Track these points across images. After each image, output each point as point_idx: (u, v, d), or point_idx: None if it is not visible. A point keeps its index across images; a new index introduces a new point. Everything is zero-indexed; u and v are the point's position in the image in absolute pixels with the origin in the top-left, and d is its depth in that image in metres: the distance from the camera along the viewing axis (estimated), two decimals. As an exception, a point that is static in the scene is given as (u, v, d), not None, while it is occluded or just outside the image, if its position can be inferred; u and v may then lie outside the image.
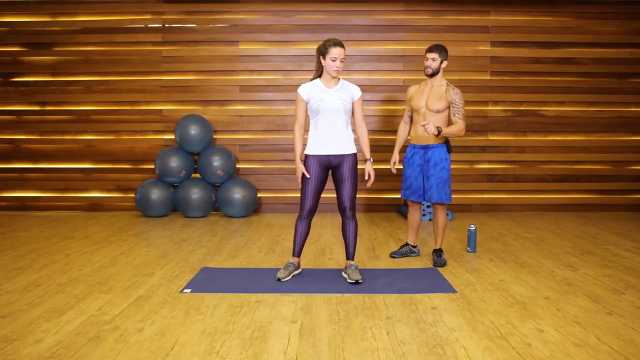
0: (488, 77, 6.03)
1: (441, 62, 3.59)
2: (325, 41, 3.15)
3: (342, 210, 3.25)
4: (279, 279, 3.21)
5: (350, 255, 3.29)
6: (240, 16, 5.97)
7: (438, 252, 3.71)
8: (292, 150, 5.78)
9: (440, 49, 3.61)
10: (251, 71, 6.02)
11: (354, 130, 3.30)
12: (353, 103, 3.24)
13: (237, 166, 5.98)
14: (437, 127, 3.41)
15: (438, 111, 3.57)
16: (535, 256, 3.89)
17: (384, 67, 6.00)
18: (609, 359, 2.13)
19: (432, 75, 3.61)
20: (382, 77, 6.03)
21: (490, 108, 6.05)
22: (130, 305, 2.75)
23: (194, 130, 5.59)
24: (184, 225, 5.14)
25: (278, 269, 3.36)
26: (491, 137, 6.08)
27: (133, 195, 5.85)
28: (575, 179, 6.13)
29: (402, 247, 3.93)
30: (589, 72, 6.03)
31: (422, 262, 3.74)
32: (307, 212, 3.24)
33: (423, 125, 3.36)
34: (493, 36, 5.99)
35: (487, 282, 3.20)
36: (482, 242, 4.33)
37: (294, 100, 3.30)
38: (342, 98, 3.17)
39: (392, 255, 3.85)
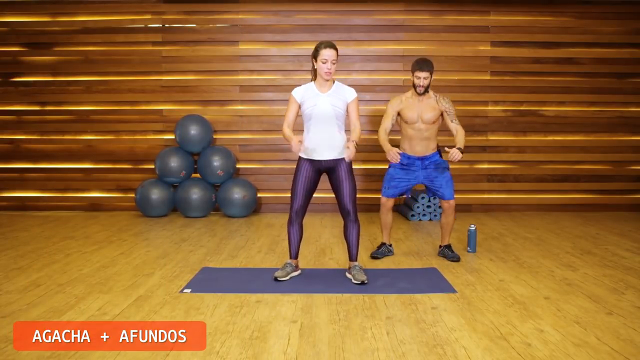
0: (488, 77, 6.03)
1: (431, 78, 3.65)
2: (317, 44, 3.12)
3: (344, 213, 3.23)
4: (276, 278, 3.21)
5: (353, 257, 3.28)
6: (240, 16, 5.97)
7: (449, 248, 3.81)
8: (292, 150, 5.76)
9: (429, 66, 3.64)
10: (251, 71, 6.02)
11: (347, 131, 3.24)
12: (347, 105, 3.18)
13: (237, 166, 5.98)
14: (458, 148, 3.52)
15: (433, 122, 3.67)
16: (535, 256, 3.89)
17: (384, 67, 6.00)
18: (609, 359, 2.13)
19: (425, 92, 3.68)
20: (382, 77, 6.02)
21: (490, 108, 6.05)
22: (130, 305, 2.75)
23: (194, 130, 5.59)
24: (184, 225, 5.14)
25: (278, 269, 3.36)
26: (491, 137, 6.08)
27: (133, 195, 5.85)
28: (575, 179, 6.13)
29: (380, 247, 3.92)
30: (589, 72, 6.03)
31: (422, 262, 3.74)
32: (295, 211, 3.22)
33: (451, 159, 3.47)
34: (493, 36, 5.99)
35: (487, 282, 3.20)
36: (482, 242, 4.33)
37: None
38: (334, 103, 3.13)
39: (375, 256, 3.83)
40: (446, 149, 3.55)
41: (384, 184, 3.83)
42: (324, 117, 3.13)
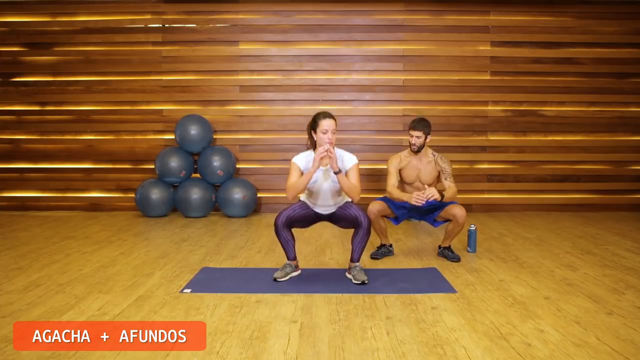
0: (488, 77, 6.03)
1: (426, 137, 3.70)
2: (315, 115, 3.15)
3: (357, 226, 3.20)
4: (275, 279, 3.21)
5: (355, 260, 3.27)
6: (240, 16, 5.97)
7: (450, 249, 3.82)
8: (292, 150, 5.74)
9: (423, 126, 3.69)
10: (251, 71, 6.02)
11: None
12: (347, 171, 3.13)
13: (237, 166, 5.98)
14: (440, 191, 3.51)
15: (433, 183, 3.75)
16: (535, 256, 3.89)
17: (384, 67, 6.00)
18: (609, 359, 2.13)
19: (419, 151, 3.73)
20: (382, 77, 6.02)
21: (490, 108, 6.05)
22: (130, 305, 2.75)
23: (194, 130, 5.59)
24: (184, 225, 5.14)
25: (278, 269, 3.36)
26: (491, 137, 6.08)
27: (133, 195, 5.85)
28: (575, 179, 6.13)
29: (380, 248, 3.91)
30: (589, 72, 6.03)
31: (422, 262, 3.74)
32: (286, 218, 3.16)
33: (427, 194, 3.42)
34: (493, 36, 5.99)
35: (487, 282, 3.20)
36: (482, 242, 4.33)
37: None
38: (334, 178, 3.11)
39: (375, 257, 3.83)
40: (426, 185, 3.59)
41: (380, 197, 3.83)
42: (324, 191, 3.18)
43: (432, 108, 5.94)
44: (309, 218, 3.30)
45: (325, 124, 3.08)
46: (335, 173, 3.04)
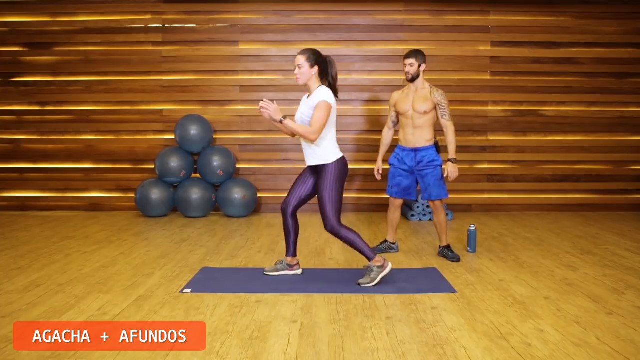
0: (488, 77, 6.03)
1: (419, 66, 3.71)
2: None
3: (325, 224, 3.09)
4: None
5: (368, 259, 3.17)
6: (240, 16, 5.97)
7: (449, 248, 3.83)
8: (292, 150, 5.81)
9: (416, 53, 3.73)
10: (251, 71, 6.02)
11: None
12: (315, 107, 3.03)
13: (237, 166, 5.98)
14: (449, 160, 3.68)
15: (425, 112, 3.72)
16: (535, 256, 3.89)
17: (384, 67, 6.00)
18: (609, 359, 2.13)
19: (413, 80, 3.74)
20: (382, 77, 6.02)
21: (490, 108, 6.05)
22: (130, 305, 2.75)
23: (194, 130, 5.59)
24: (184, 225, 5.14)
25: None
26: (491, 137, 6.08)
27: (133, 195, 5.85)
28: (575, 179, 6.13)
29: (381, 243, 3.98)
30: (589, 72, 6.03)
31: (422, 262, 3.74)
32: (284, 203, 3.22)
33: (450, 180, 3.70)
34: (493, 36, 5.99)
35: (487, 282, 3.20)
36: (482, 242, 4.33)
37: (299, 101, 3.32)
38: (303, 111, 3.08)
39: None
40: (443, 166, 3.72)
41: (388, 182, 3.92)
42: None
43: (432, 108, 5.92)
44: (307, 184, 3.19)
45: (295, 59, 3.08)
46: (280, 122, 2.99)
